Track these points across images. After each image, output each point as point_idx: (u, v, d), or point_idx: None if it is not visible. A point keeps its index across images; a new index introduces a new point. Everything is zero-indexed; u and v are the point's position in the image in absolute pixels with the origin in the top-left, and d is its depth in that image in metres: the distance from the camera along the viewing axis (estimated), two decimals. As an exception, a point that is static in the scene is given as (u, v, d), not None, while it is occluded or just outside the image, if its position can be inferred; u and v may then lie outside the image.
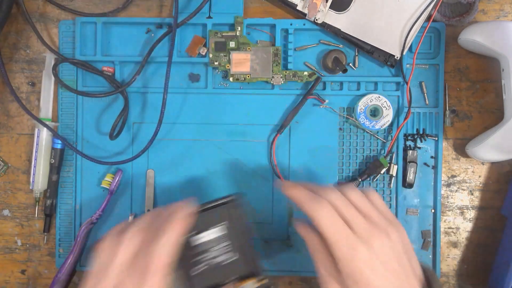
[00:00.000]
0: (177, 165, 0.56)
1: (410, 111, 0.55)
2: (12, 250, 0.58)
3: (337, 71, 0.55)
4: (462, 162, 0.57)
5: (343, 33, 0.54)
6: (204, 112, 0.57)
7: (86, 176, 0.57)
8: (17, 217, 0.58)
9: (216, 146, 0.57)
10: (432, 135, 0.56)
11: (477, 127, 0.56)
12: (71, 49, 0.57)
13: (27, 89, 0.58)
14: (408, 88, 0.54)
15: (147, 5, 0.57)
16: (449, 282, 0.57)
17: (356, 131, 0.56)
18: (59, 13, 0.58)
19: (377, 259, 0.42)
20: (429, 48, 0.56)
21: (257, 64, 0.55)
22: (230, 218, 0.46)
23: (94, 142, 0.57)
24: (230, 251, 0.45)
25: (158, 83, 0.57)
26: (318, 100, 0.55)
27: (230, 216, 0.46)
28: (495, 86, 0.56)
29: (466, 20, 0.55)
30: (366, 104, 0.54)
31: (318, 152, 0.56)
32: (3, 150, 0.58)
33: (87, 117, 0.57)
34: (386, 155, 0.55)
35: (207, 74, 0.57)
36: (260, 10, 0.57)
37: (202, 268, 0.45)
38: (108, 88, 0.57)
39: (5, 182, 0.58)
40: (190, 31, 0.57)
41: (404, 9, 0.53)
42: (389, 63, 0.55)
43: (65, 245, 0.57)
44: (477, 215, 0.57)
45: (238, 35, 0.55)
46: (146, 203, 0.57)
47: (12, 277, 0.58)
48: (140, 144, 0.56)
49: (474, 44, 0.53)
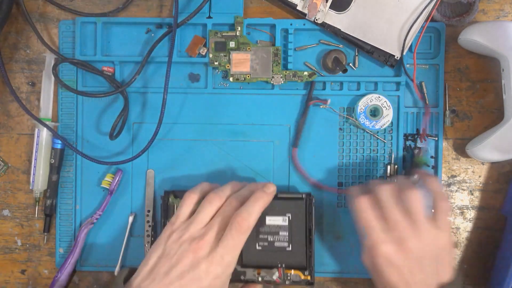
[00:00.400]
0: (177, 165, 0.56)
1: (428, 108, 0.55)
2: (12, 250, 0.58)
3: (337, 71, 0.55)
4: (462, 162, 0.57)
5: (343, 33, 0.54)
6: (204, 112, 0.57)
7: (86, 176, 0.57)
8: (17, 217, 0.58)
9: (216, 146, 0.57)
10: (432, 135, 0.56)
11: (477, 127, 0.56)
12: (71, 49, 0.57)
13: (27, 89, 0.58)
14: (415, 85, 0.54)
15: (147, 5, 0.57)
16: (449, 282, 0.57)
17: (356, 131, 0.56)
18: (59, 13, 0.58)
19: (396, 261, 0.45)
20: (429, 48, 0.56)
21: (257, 64, 0.55)
22: (294, 213, 0.51)
23: (94, 142, 0.57)
24: (286, 241, 0.51)
25: (158, 83, 0.57)
26: (320, 102, 0.55)
27: (295, 211, 0.51)
28: (495, 86, 0.56)
29: (466, 20, 0.55)
30: (366, 104, 0.54)
31: (318, 152, 0.56)
32: (3, 150, 0.58)
33: (87, 117, 0.57)
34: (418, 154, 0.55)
35: (207, 74, 0.57)
36: (260, 10, 0.57)
37: (263, 246, 0.51)
38: (108, 88, 0.57)
39: (5, 182, 0.58)
40: (190, 31, 0.57)
41: (404, 9, 0.53)
42: (389, 63, 0.55)
43: (65, 245, 0.57)
44: (477, 215, 0.57)
45: (238, 35, 0.55)
46: (146, 203, 0.57)
47: (12, 277, 0.58)
48: (140, 144, 0.56)
49: (474, 44, 0.53)
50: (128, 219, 0.56)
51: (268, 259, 0.51)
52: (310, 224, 0.51)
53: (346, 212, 0.56)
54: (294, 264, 0.51)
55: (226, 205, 0.48)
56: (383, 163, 0.56)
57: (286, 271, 0.51)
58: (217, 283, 0.45)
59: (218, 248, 0.45)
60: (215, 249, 0.45)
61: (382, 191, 0.48)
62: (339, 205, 0.56)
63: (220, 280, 0.45)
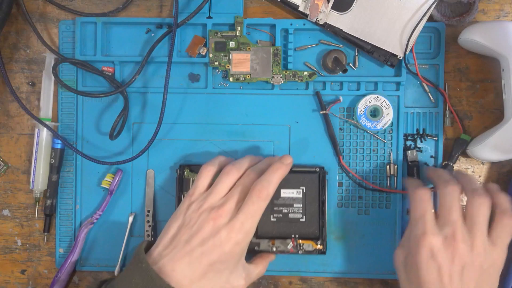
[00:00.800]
0: (177, 165, 0.56)
1: (448, 101, 0.55)
2: (12, 250, 0.58)
3: (337, 71, 0.55)
4: (462, 162, 0.57)
5: (343, 33, 0.54)
6: (204, 112, 0.57)
7: (86, 176, 0.57)
8: (17, 217, 0.58)
9: (216, 146, 0.57)
10: (432, 135, 0.56)
11: (477, 127, 0.56)
12: (71, 49, 0.57)
13: (27, 89, 0.58)
14: (424, 81, 0.55)
15: (147, 5, 0.57)
16: (449, 282, 0.57)
17: (356, 131, 0.56)
18: (59, 13, 0.58)
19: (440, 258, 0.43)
20: (429, 48, 0.56)
21: (257, 64, 0.55)
22: (307, 186, 0.53)
23: (94, 142, 0.57)
24: (300, 213, 0.53)
25: (158, 83, 0.57)
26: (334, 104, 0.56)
27: (309, 184, 0.53)
28: (495, 86, 0.56)
29: (466, 20, 0.55)
30: (366, 105, 0.54)
31: (318, 152, 0.56)
32: (3, 150, 0.58)
33: (87, 117, 0.57)
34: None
35: (207, 74, 0.57)
36: (260, 10, 0.57)
37: (278, 217, 0.53)
38: (108, 88, 0.57)
39: (5, 182, 0.58)
40: (190, 31, 0.57)
41: (406, 9, 0.53)
42: (389, 63, 0.55)
43: (65, 245, 0.57)
44: (477, 215, 0.57)
45: (238, 35, 0.55)
46: (146, 203, 0.57)
47: (12, 277, 0.58)
48: (140, 144, 0.56)
49: (474, 44, 0.53)
50: (128, 219, 0.56)
51: (282, 230, 0.53)
52: (323, 196, 0.53)
53: (347, 212, 0.56)
54: (307, 234, 0.53)
55: (245, 177, 0.49)
56: (383, 163, 0.56)
57: (299, 241, 0.53)
58: (237, 249, 0.46)
59: (238, 215, 0.46)
60: (235, 216, 0.46)
61: (448, 191, 0.46)
62: (339, 205, 0.56)
63: (240, 247, 0.46)
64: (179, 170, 0.55)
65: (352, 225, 0.56)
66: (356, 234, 0.56)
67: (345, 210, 0.56)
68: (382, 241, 0.56)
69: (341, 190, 0.56)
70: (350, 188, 0.56)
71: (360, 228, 0.56)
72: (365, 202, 0.56)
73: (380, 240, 0.56)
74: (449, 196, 0.46)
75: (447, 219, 0.45)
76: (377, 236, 0.56)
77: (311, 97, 0.56)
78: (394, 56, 0.54)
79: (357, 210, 0.56)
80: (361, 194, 0.56)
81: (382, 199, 0.56)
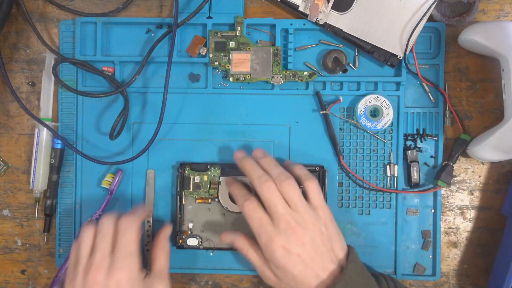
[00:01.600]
0: (177, 165, 0.56)
1: (448, 101, 0.55)
2: (12, 250, 0.58)
3: (337, 71, 0.55)
4: (462, 162, 0.57)
5: (343, 33, 0.54)
6: (204, 112, 0.57)
7: (86, 176, 0.57)
8: (17, 217, 0.58)
9: (216, 146, 0.57)
10: (432, 135, 0.56)
11: (477, 127, 0.56)
12: (71, 49, 0.57)
13: (27, 89, 0.58)
14: (424, 81, 0.55)
15: (147, 5, 0.57)
16: (449, 282, 0.57)
17: (356, 131, 0.56)
18: (59, 13, 0.58)
19: (293, 249, 0.47)
20: (429, 48, 0.56)
21: (257, 64, 0.55)
22: None
23: (94, 142, 0.57)
24: None
25: (158, 83, 0.57)
26: (334, 104, 0.56)
27: None
28: (495, 86, 0.56)
29: (466, 20, 0.55)
30: (366, 105, 0.54)
31: (318, 152, 0.56)
32: (3, 150, 0.58)
33: (87, 117, 0.57)
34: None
35: (207, 74, 0.57)
36: (260, 10, 0.57)
37: None
38: (108, 88, 0.57)
39: (5, 182, 0.58)
40: (190, 31, 0.57)
41: (406, 9, 0.53)
42: (389, 63, 0.55)
43: (65, 245, 0.57)
44: (477, 215, 0.57)
45: (238, 35, 0.55)
46: (146, 203, 0.57)
47: (12, 277, 0.58)
48: (140, 144, 0.56)
49: (474, 44, 0.53)
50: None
51: None
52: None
53: (347, 212, 0.56)
54: None
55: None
56: (383, 163, 0.56)
57: None
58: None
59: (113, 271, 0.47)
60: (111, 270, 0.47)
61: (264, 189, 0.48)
62: (339, 205, 0.56)
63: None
64: (179, 168, 0.55)
65: (352, 225, 0.56)
66: (356, 234, 0.56)
67: (345, 210, 0.56)
68: (382, 241, 0.56)
69: (341, 190, 0.56)
70: (350, 188, 0.56)
71: (360, 228, 0.56)
72: (365, 202, 0.56)
73: (380, 240, 0.56)
74: (267, 194, 0.48)
75: (277, 215, 0.48)
76: (377, 236, 0.56)
77: (311, 97, 0.56)
78: (394, 56, 0.54)
79: (357, 210, 0.56)
80: (361, 194, 0.56)
81: (382, 199, 0.56)
